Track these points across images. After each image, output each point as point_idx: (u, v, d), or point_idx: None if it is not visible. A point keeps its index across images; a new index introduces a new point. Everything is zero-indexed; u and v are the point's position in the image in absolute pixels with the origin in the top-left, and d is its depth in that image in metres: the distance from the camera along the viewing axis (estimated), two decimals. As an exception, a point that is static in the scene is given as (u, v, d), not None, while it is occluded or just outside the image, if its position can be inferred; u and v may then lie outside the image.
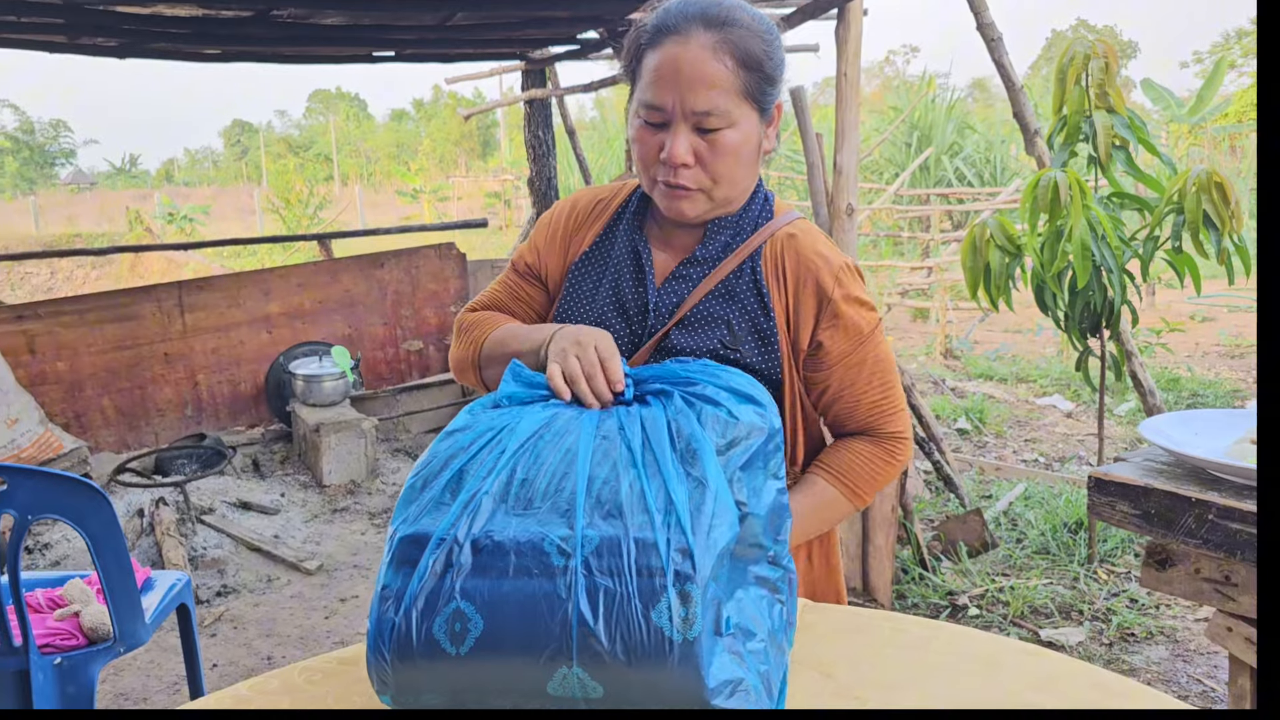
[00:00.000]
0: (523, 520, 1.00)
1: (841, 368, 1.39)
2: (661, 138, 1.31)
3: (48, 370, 5.05)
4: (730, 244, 1.40)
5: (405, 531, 1.02)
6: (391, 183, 31.44)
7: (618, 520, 0.99)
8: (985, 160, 16.70)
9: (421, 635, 0.97)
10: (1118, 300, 3.52)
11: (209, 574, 3.97)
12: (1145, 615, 3.41)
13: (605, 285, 1.43)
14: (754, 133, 1.34)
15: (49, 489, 2.22)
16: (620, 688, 0.94)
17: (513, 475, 1.04)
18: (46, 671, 2.30)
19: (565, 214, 1.52)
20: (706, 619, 0.95)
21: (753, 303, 1.38)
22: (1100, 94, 3.56)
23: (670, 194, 1.34)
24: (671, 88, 1.28)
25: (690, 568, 0.95)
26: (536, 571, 0.97)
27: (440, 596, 0.97)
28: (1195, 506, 1.76)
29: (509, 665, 0.96)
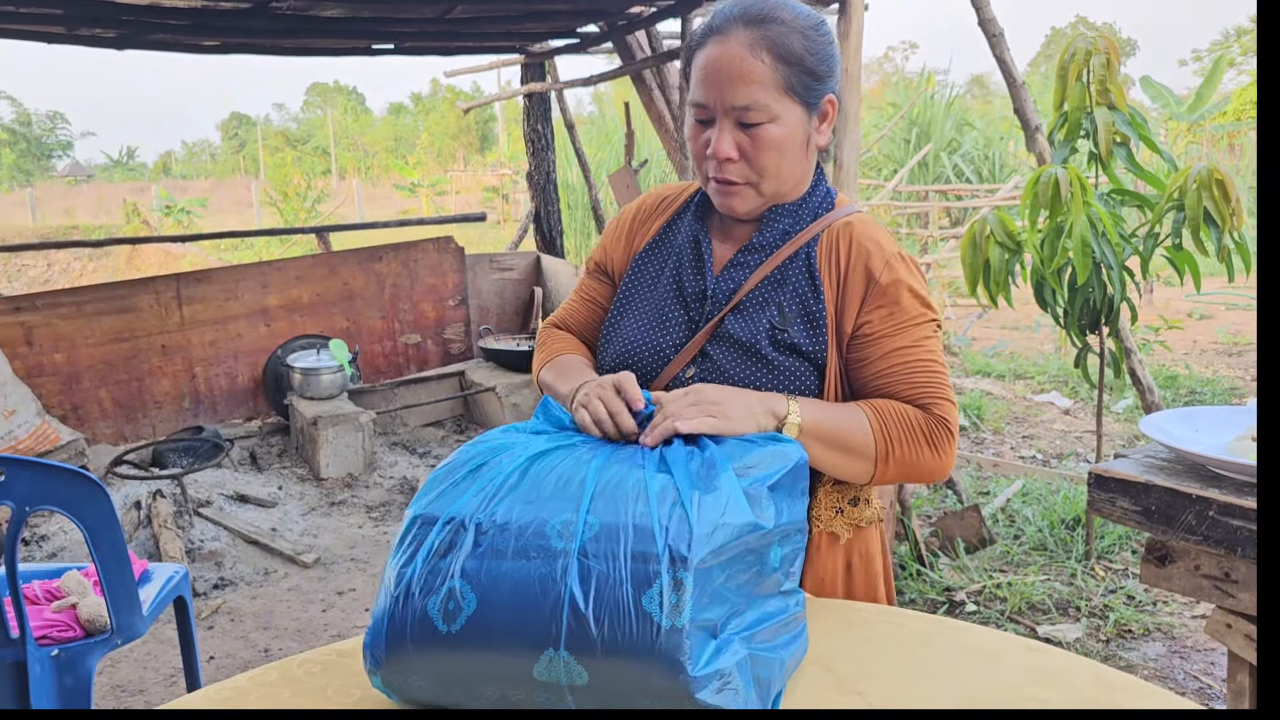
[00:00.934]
0: (529, 507, 1.04)
1: (881, 348, 1.37)
2: (709, 134, 1.36)
3: (45, 362, 5.03)
4: (789, 232, 1.43)
5: (417, 512, 1.07)
6: (389, 176, 31.41)
7: (620, 508, 1.01)
8: (984, 157, 16.69)
9: (416, 612, 0.99)
10: (1117, 297, 3.52)
11: (206, 566, 3.96)
12: (1142, 612, 3.41)
13: (667, 273, 1.49)
14: (799, 127, 1.37)
15: (47, 480, 2.21)
16: (606, 674, 0.95)
17: (527, 471, 1.09)
18: (44, 663, 2.29)
19: (632, 212, 1.61)
20: (698, 611, 0.96)
21: (804, 286, 1.40)
22: (1101, 90, 3.56)
23: (720, 190, 1.40)
24: (713, 85, 1.33)
25: (685, 554, 0.96)
26: (535, 554, 0.99)
27: (439, 575, 1.00)
28: (1195, 503, 1.76)
29: (497, 646, 0.97)
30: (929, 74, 18.16)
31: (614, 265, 1.59)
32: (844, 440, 1.32)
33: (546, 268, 6.78)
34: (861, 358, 1.38)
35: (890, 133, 15.60)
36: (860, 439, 1.32)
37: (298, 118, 63.80)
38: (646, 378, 1.43)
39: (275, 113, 68.74)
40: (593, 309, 1.62)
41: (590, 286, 1.63)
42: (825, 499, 1.44)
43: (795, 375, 1.37)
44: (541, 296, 6.73)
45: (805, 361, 1.37)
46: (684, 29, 4.86)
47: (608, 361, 1.50)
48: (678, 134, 5.01)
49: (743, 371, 1.37)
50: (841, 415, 1.33)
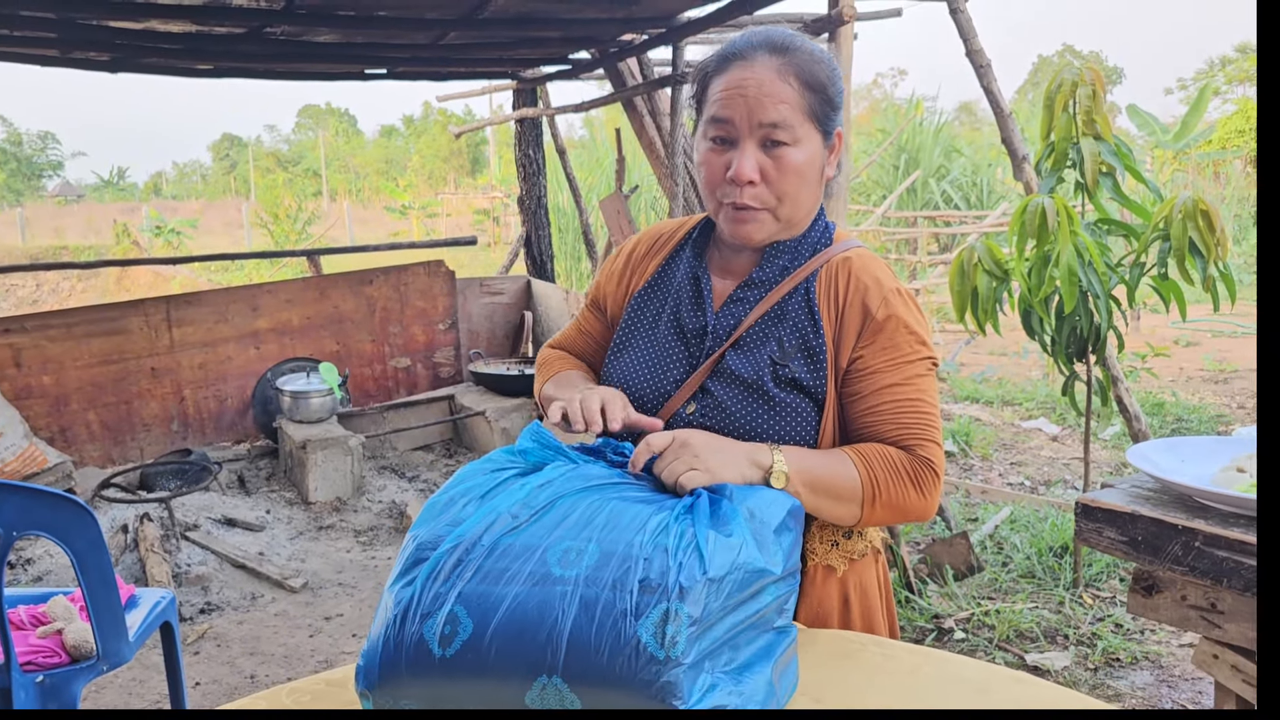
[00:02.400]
0: (532, 533, 1.04)
1: (875, 383, 1.36)
2: (729, 157, 1.36)
3: (33, 384, 5.01)
4: (788, 268, 1.43)
5: (421, 536, 1.07)
6: (380, 199, 31.43)
7: (622, 538, 1.02)
8: (972, 184, 16.81)
9: (412, 635, 1.00)
10: (1104, 325, 3.54)
11: (193, 591, 3.94)
12: (1130, 640, 3.42)
13: (666, 312, 1.49)
14: (817, 155, 1.39)
15: (34, 505, 2.20)
16: (598, 703, 0.95)
17: (532, 499, 1.09)
18: (28, 689, 2.27)
19: (628, 250, 1.61)
20: (694, 644, 0.96)
21: (804, 320, 1.40)
22: (1087, 121, 3.60)
23: (736, 217, 1.38)
24: (739, 103, 1.34)
25: (685, 587, 0.97)
26: (535, 580, 1.00)
27: (438, 599, 1.00)
28: (1182, 534, 1.77)
29: (492, 671, 0.97)
30: (918, 100, 18.31)
31: (608, 304, 1.61)
32: (830, 487, 1.32)
33: (537, 292, 6.79)
34: (853, 392, 1.38)
35: (879, 159, 15.70)
36: (847, 485, 1.32)
37: (289, 139, 63.88)
38: (647, 413, 1.43)
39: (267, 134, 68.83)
40: (588, 341, 1.65)
41: (588, 319, 1.65)
42: (819, 532, 1.44)
43: (796, 411, 1.37)
44: (532, 321, 6.73)
45: (806, 397, 1.37)
46: (675, 57, 4.90)
47: None
48: (668, 160, 5.04)
49: (743, 408, 1.37)
50: (827, 462, 1.33)
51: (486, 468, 1.20)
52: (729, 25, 4.84)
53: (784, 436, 1.37)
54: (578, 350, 1.66)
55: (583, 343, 1.65)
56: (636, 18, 4.84)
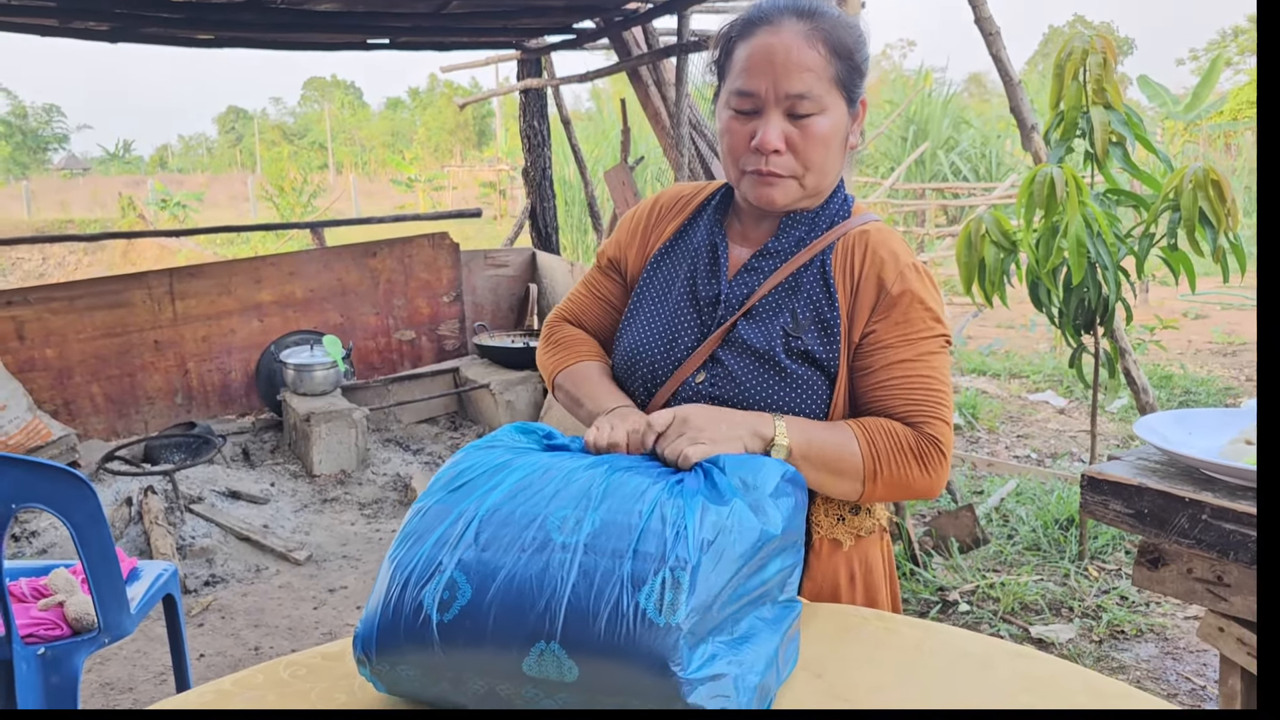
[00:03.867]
0: (533, 503, 1.04)
1: (886, 358, 1.35)
2: (752, 126, 1.32)
3: (36, 357, 5.01)
4: (804, 239, 1.41)
5: (425, 506, 1.08)
6: (386, 171, 31.35)
7: (624, 507, 1.02)
8: (981, 155, 16.69)
9: (411, 600, 1.00)
10: (1112, 297, 3.51)
11: (197, 563, 3.94)
12: (1135, 612, 3.41)
13: (681, 276, 1.46)
14: (843, 123, 1.36)
15: (33, 478, 2.19)
16: (596, 670, 0.94)
17: (537, 473, 1.09)
18: (30, 661, 2.28)
19: (648, 209, 1.56)
20: (694, 612, 0.95)
21: (818, 293, 1.38)
22: (1098, 90, 3.54)
23: (760, 181, 1.35)
24: (765, 73, 1.30)
25: (685, 555, 0.96)
26: (535, 547, 0.99)
27: (437, 565, 1.01)
28: (1189, 506, 1.75)
29: (490, 637, 0.97)
30: (927, 72, 18.15)
31: (628, 264, 1.55)
32: (831, 461, 1.30)
33: (542, 264, 6.76)
34: (865, 366, 1.36)
35: (887, 130, 15.59)
36: (849, 459, 1.31)
37: (294, 112, 63.68)
38: (656, 381, 1.42)
39: (272, 107, 68.56)
40: (604, 306, 1.58)
41: (601, 283, 1.59)
42: (825, 506, 1.42)
43: (807, 383, 1.35)
44: (537, 293, 6.71)
45: (817, 370, 1.36)
46: (680, 26, 4.84)
47: (617, 363, 1.49)
48: (673, 130, 4.99)
49: (754, 378, 1.35)
50: (829, 436, 1.31)
51: (492, 443, 1.20)
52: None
53: (794, 408, 1.35)
54: (594, 318, 1.59)
55: (598, 309, 1.59)
56: (641, -15, 4.78)
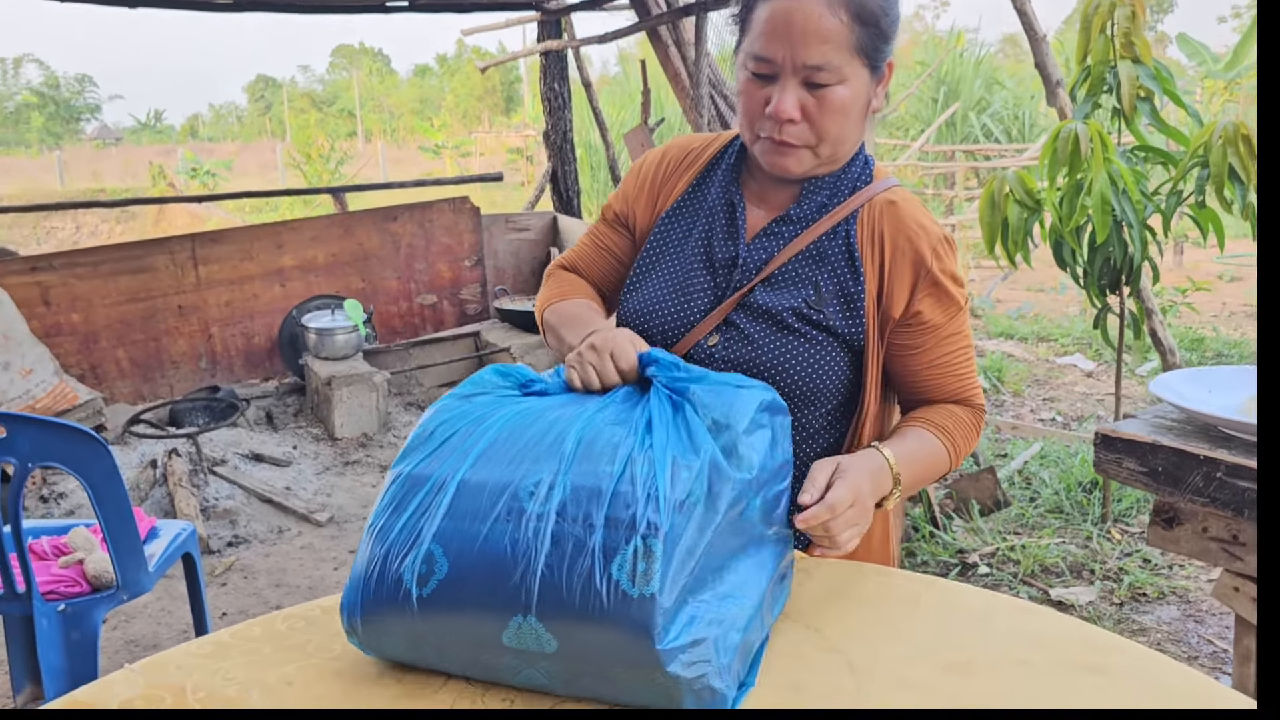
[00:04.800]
0: (507, 467, 1.02)
1: (935, 338, 1.37)
2: (768, 91, 1.28)
3: (63, 322, 5.07)
4: (826, 205, 1.37)
5: (402, 472, 1.05)
6: (414, 138, 31.34)
7: (594, 469, 0.99)
8: (1014, 117, 16.39)
9: (391, 574, 1.00)
10: (1138, 256, 3.44)
11: (220, 524, 4.00)
12: (1158, 575, 3.37)
13: (696, 235, 1.42)
14: (864, 90, 1.30)
15: (49, 437, 2.22)
16: (575, 642, 0.94)
17: (511, 429, 1.06)
18: (50, 617, 2.32)
19: (655, 162, 1.52)
20: (669, 578, 0.93)
21: (843, 267, 1.35)
22: (1126, 44, 3.45)
23: (774, 149, 1.31)
24: (783, 40, 1.25)
25: (655, 521, 0.94)
26: (508, 517, 0.97)
27: (415, 536, 1.00)
28: (1204, 464, 1.72)
29: (468, 611, 0.96)
30: (959, 32, 17.82)
31: (635, 219, 1.52)
32: (929, 477, 1.41)
33: (563, 228, 6.74)
34: (915, 345, 1.38)
35: (918, 92, 15.35)
36: (940, 468, 1.40)
37: (323, 80, 63.75)
38: (667, 342, 1.39)
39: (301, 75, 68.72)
40: (608, 259, 1.55)
41: (606, 235, 1.56)
42: None
43: (824, 348, 1.34)
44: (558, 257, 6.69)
45: (837, 341, 1.34)
46: (700, -17, 4.77)
47: (625, 323, 1.45)
48: (693, 91, 4.93)
49: (770, 341, 1.33)
50: (926, 456, 1.37)
51: (470, 391, 1.17)
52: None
53: (810, 374, 1.33)
54: (597, 269, 1.57)
55: (600, 260, 1.56)
56: (660, -57, 4.71)
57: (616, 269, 1.55)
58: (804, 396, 1.35)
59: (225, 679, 1.12)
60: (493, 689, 1.04)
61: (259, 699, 1.07)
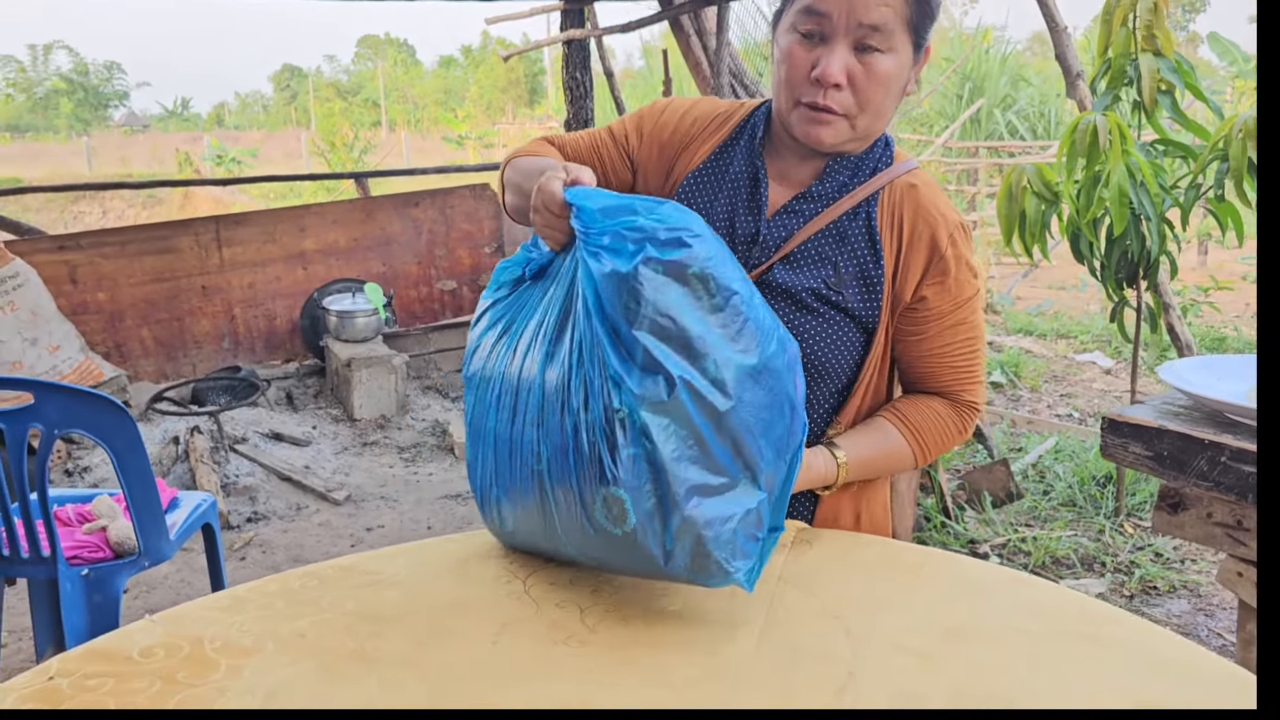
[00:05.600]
0: (514, 422, 1.12)
1: (938, 325, 1.37)
2: (816, 54, 1.25)
3: (89, 300, 5.15)
4: (848, 184, 1.36)
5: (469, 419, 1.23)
6: (438, 129, 31.46)
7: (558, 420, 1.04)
8: (1039, 114, 16.30)
9: (486, 505, 1.23)
10: (1155, 250, 3.43)
11: (240, 500, 4.06)
12: (1169, 569, 3.37)
13: (720, 206, 1.39)
14: (905, 66, 1.29)
15: (75, 405, 2.27)
16: (603, 561, 1.10)
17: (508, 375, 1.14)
18: (74, 581, 2.37)
19: (681, 114, 1.46)
20: (642, 507, 0.99)
21: (863, 248, 1.35)
22: (1147, 36, 3.44)
23: (812, 117, 1.29)
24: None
25: (608, 470, 0.99)
26: (524, 471, 1.11)
27: (490, 481, 1.19)
28: (1208, 449, 1.73)
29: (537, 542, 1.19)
30: (986, 29, 17.72)
31: (643, 160, 1.47)
32: (884, 469, 1.42)
33: (584, 217, 6.75)
34: (918, 331, 1.37)
35: (942, 88, 15.28)
36: (898, 462, 1.41)
37: (349, 70, 64.00)
38: None
39: (326, 64, 68.99)
40: (595, 160, 1.47)
41: (606, 144, 1.48)
42: None
43: (840, 328, 1.35)
44: (578, 246, 6.71)
45: (852, 320, 1.35)
46: (722, -27, 4.78)
47: None
48: (714, 80, 4.95)
49: (787, 320, 1.33)
50: (879, 449, 1.39)
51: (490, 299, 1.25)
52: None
53: (825, 352, 1.35)
54: (579, 160, 1.47)
55: (589, 158, 1.47)
56: (683, -68, 4.72)
57: (604, 176, 1.47)
58: (815, 373, 1.36)
59: (241, 630, 1.15)
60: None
61: (273, 649, 1.10)
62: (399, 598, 1.18)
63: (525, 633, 1.08)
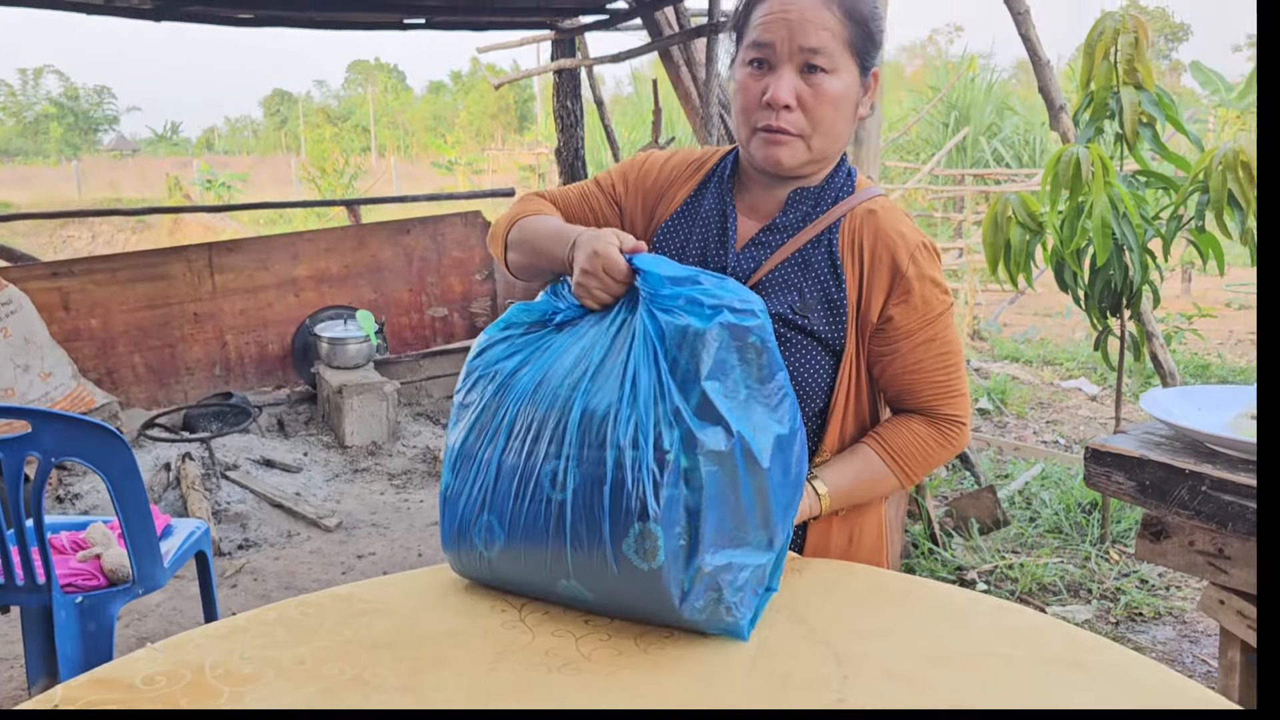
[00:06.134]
0: (530, 449, 1.14)
1: (909, 344, 1.41)
2: (766, 81, 1.34)
3: (81, 327, 5.16)
4: (810, 214, 1.43)
5: (454, 444, 1.23)
6: (428, 155, 31.55)
7: (595, 455, 1.08)
8: (1025, 142, 16.49)
9: (465, 535, 1.20)
10: (1138, 279, 3.49)
11: (231, 527, 4.06)
12: (1155, 596, 3.41)
13: (693, 245, 1.48)
14: (854, 88, 1.37)
15: (72, 433, 2.29)
16: (608, 596, 1.12)
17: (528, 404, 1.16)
18: (68, 609, 2.38)
19: (660, 164, 1.56)
20: (673, 546, 1.04)
21: (826, 273, 1.40)
22: (1129, 69, 3.52)
23: (769, 139, 1.36)
24: (781, 26, 1.33)
25: (650, 507, 1.03)
26: (539, 500, 1.11)
27: (477, 506, 1.18)
28: (1189, 478, 1.77)
29: (524, 569, 1.17)
30: (971, 57, 17.93)
31: (629, 207, 1.55)
32: (867, 495, 1.46)
33: (574, 244, 6.80)
34: (890, 351, 1.41)
35: (929, 116, 15.44)
36: (881, 486, 1.45)
37: (339, 95, 64.17)
38: None
39: (316, 90, 69.13)
40: (587, 212, 1.55)
41: (596, 195, 1.56)
42: None
43: (808, 353, 1.40)
44: (569, 273, 6.76)
45: (820, 345, 1.40)
46: (711, 6, 4.86)
47: None
48: (703, 110, 5.02)
49: None
50: (860, 476, 1.43)
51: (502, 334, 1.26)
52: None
53: (795, 375, 1.39)
54: (572, 217, 1.54)
55: (581, 209, 1.55)
56: (673, -34, 4.80)
57: (591, 224, 1.53)
58: None
59: (242, 658, 1.16)
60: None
61: (274, 676, 1.12)
62: (395, 626, 1.21)
63: (521, 660, 1.10)
